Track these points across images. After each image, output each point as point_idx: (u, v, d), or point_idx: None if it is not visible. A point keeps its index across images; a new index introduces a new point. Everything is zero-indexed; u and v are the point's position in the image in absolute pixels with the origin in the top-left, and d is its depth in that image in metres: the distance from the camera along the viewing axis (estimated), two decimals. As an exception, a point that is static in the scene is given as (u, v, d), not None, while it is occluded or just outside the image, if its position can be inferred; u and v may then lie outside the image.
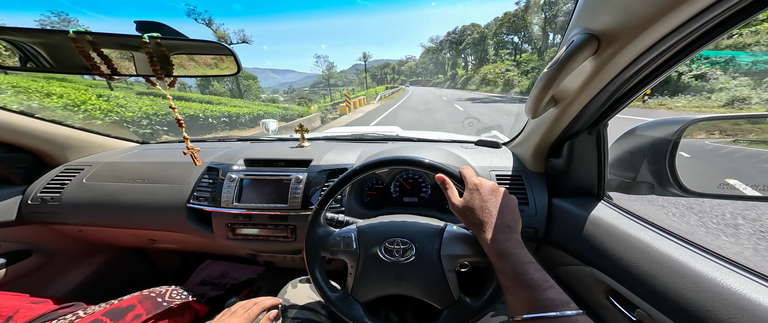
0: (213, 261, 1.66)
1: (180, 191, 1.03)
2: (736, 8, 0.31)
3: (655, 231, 0.55)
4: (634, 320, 0.53)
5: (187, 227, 1.01)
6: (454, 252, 0.55)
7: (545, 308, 0.38)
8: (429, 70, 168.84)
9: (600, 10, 0.39)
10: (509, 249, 0.45)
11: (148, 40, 0.48)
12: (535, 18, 66.31)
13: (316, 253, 0.62)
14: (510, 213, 0.50)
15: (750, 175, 0.55)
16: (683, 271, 0.46)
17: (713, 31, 0.35)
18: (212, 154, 1.17)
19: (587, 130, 0.66)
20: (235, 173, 1.00)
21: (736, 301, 0.39)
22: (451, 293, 0.54)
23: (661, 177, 0.59)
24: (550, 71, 0.47)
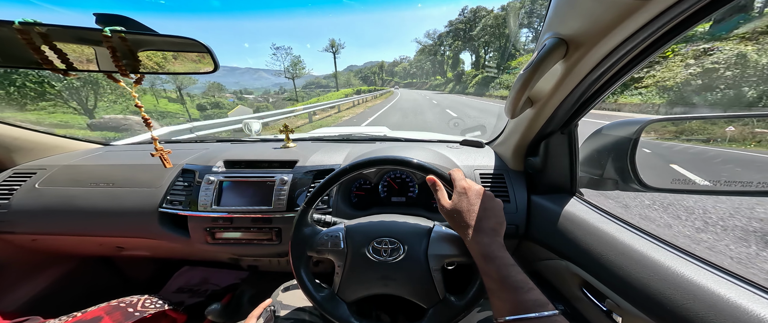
0: (191, 267, 1.57)
1: (151, 195, 0.97)
2: (678, 19, 0.35)
3: (619, 225, 0.60)
4: (604, 310, 0.56)
5: (160, 233, 0.95)
6: (440, 252, 0.56)
7: (527, 309, 0.40)
8: (425, 71, 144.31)
9: (568, 16, 0.42)
10: (494, 251, 0.47)
11: (111, 33, 0.44)
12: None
13: (302, 253, 0.61)
14: (495, 217, 0.51)
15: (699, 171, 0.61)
16: (644, 261, 0.50)
17: (660, 40, 0.39)
18: (187, 155, 1.11)
19: (560, 129, 0.70)
20: (214, 175, 0.96)
21: (688, 287, 0.43)
22: (436, 292, 0.55)
23: (624, 174, 0.64)
24: (525, 73, 0.49)
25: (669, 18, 0.34)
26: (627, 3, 0.32)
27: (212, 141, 1.42)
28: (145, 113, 0.61)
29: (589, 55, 0.44)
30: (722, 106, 8.68)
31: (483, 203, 0.52)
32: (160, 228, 0.95)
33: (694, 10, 0.33)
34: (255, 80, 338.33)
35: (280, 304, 0.76)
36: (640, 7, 0.32)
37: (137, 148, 1.36)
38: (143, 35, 0.49)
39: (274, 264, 1.17)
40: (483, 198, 0.52)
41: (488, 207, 0.51)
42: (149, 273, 1.54)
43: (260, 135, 1.48)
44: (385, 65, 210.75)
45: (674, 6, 0.32)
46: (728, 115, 1.28)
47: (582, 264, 0.60)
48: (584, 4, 0.37)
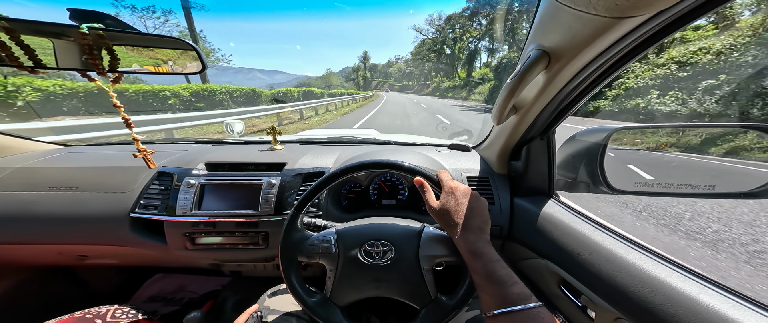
0: (165, 275, 1.48)
1: (120, 199, 0.90)
2: (646, 36, 0.39)
3: (591, 225, 0.65)
4: (579, 306, 0.60)
5: (131, 239, 0.90)
6: (431, 253, 0.57)
7: (512, 302, 0.42)
8: (424, 71, 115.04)
9: (551, 29, 0.45)
10: (481, 248, 0.49)
11: (88, 31, 0.41)
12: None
13: (292, 258, 0.61)
14: (481, 215, 0.53)
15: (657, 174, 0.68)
16: (612, 258, 0.54)
17: (629, 55, 0.44)
18: (163, 157, 1.05)
19: (540, 135, 0.74)
20: (194, 178, 0.91)
21: (649, 281, 0.47)
22: (428, 292, 0.56)
23: (594, 177, 0.69)
24: (511, 82, 0.52)
25: (637, 35, 0.38)
26: (602, 21, 0.35)
27: (191, 142, 1.35)
28: (125, 113, 0.57)
29: (569, 66, 0.48)
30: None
31: (470, 202, 0.54)
32: (132, 234, 0.89)
33: (659, 29, 0.37)
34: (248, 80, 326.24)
35: (267, 310, 0.74)
36: (614, 24, 0.35)
37: (104, 149, 1.25)
38: (123, 33, 0.46)
39: (259, 269, 1.14)
40: (470, 198, 0.55)
41: (474, 207, 0.54)
42: (115, 283, 1.43)
43: (243, 136, 1.43)
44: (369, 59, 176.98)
45: (642, 25, 0.36)
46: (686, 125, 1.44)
47: (559, 262, 0.64)
48: (565, 20, 0.40)
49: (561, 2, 0.37)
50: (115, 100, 0.55)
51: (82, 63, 0.46)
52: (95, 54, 0.43)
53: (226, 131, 1.40)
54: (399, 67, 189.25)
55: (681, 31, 0.38)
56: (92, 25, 0.41)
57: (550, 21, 0.44)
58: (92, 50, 0.43)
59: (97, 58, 0.44)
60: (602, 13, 0.34)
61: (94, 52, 0.43)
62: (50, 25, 0.42)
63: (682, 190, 0.61)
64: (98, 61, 0.45)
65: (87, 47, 0.42)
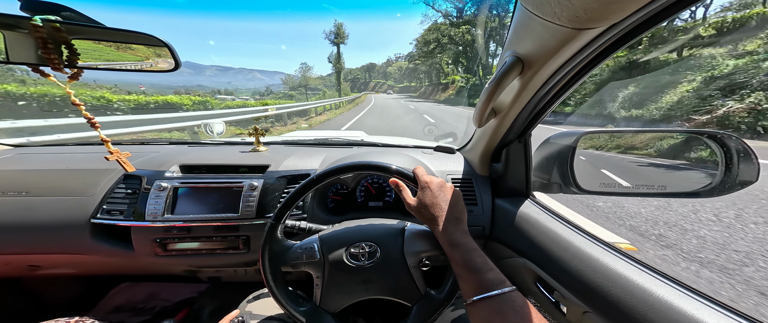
0: (133, 283, 1.38)
1: (79, 205, 0.84)
2: (604, 46, 0.43)
3: (562, 223, 0.69)
4: (553, 301, 0.63)
5: (93, 247, 0.83)
6: (416, 249, 0.58)
7: (487, 288, 0.43)
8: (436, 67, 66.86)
9: (523, 37, 0.47)
10: (458, 239, 0.50)
11: (42, 23, 0.37)
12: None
13: (275, 270, 0.59)
14: (456, 206, 0.55)
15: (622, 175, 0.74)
16: (580, 255, 0.57)
17: (591, 63, 0.48)
18: (131, 159, 0.98)
19: (518, 138, 0.78)
20: (166, 181, 0.86)
21: (610, 275, 0.51)
22: (417, 289, 0.57)
23: (565, 178, 0.74)
24: (489, 86, 0.55)
25: (595, 46, 0.42)
26: (565, 31, 0.38)
27: (164, 143, 1.27)
28: (86, 112, 0.52)
29: (540, 73, 0.51)
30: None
31: (445, 194, 0.55)
32: (93, 241, 0.83)
33: (613, 41, 0.41)
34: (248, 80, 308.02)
35: (249, 315, 0.72)
36: (575, 35, 0.38)
37: (60, 150, 1.15)
38: (84, 27, 0.42)
39: (239, 273, 1.09)
40: (444, 190, 0.56)
41: (449, 198, 0.55)
42: (73, 294, 1.31)
43: (224, 137, 1.36)
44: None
45: (598, 37, 0.40)
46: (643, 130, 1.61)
47: (535, 260, 0.67)
48: (535, 29, 0.43)
49: (531, 12, 0.39)
50: (73, 98, 0.51)
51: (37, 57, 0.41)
52: (50, 48, 0.39)
53: (204, 132, 1.33)
54: (399, 66, 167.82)
55: (630, 43, 0.43)
56: (47, 17, 0.37)
57: (523, 29, 0.46)
58: (47, 44, 0.39)
59: (52, 52, 0.40)
60: (565, 24, 0.36)
61: (49, 45, 0.39)
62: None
63: (640, 190, 0.67)
64: (53, 56, 0.40)
65: (41, 40, 0.38)
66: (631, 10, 0.32)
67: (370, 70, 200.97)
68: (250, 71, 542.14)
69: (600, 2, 0.30)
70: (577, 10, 0.32)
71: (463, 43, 50.95)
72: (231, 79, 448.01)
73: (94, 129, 0.54)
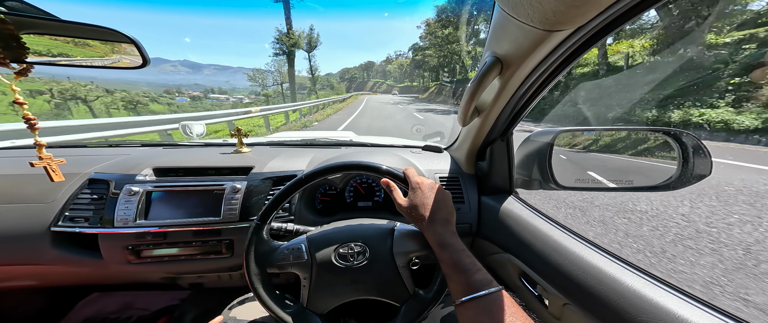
0: (104, 293, 1.29)
1: (38, 212, 0.79)
2: (573, 48, 0.46)
3: (542, 218, 0.71)
4: (536, 295, 0.65)
5: (54, 257, 0.79)
6: (405, 249, 0.58)
7: (476, 289, 0.44)
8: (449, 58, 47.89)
9: (501, 38, 0.50)
10: (447, 239, 0.51)
11: None
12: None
13: (261, 272, 0.58)
14: (446, 207, 0.56)
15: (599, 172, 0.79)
16: (559, 248, 0.60)
17: (561, 65, 0.51)
18: (96, 162, 0.93)
19: (501, 137, 0.81)
20: (138, 185, 0.83)
21: (586, 267, 0.53)
22: (406, 289, 0.57)
23: (544, 175, 0.79)
24: (471, 86, 0.57)
25: (566, 48, 0.45)
26: (538, 32, 0.41)
27: (135, 145, 1.20)
28: (27, 111, 0.48)
29: (518, 72, 0.54)
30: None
31: (436, 195, 0.56)
32: (55, 251, 0.78)
33: (583, 41, 0.44)
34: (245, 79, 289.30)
35: (233, 320, 0.70)
36: (547, 37, 0.41)
37: (13, 154, 1.07)
38: (35, 19, 0.39)
39: (224, 279, 1.06)
40: (434, 191, 0.57)
41: (440, 199, 0.56)
42: (37, 307, 1.21)
43: (204, 139, 1.30)
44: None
45: (567, 39, 0.43)
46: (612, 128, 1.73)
47: (519, 255, 0.69)
48: (512, 30, 0.45)
49: (508, 13, 0.41)
50: (18, 96, 0.47)
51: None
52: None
53: (183, 134, 1.26)
54: (400, 64, 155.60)
55: (595, 45, 0.46)
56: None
57: (501, 30, 0.49)
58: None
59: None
60: (537, 26, 0.39)
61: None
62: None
63: (609, 185, 0.73)
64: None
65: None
66: (594, 13, 0.35)
67: (368, 68, 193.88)
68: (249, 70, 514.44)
69: (566, 5, 0.33)
70: (547, 12, 0.35)
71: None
72: (229, 77, 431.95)
73: (32, 130, 0.51)
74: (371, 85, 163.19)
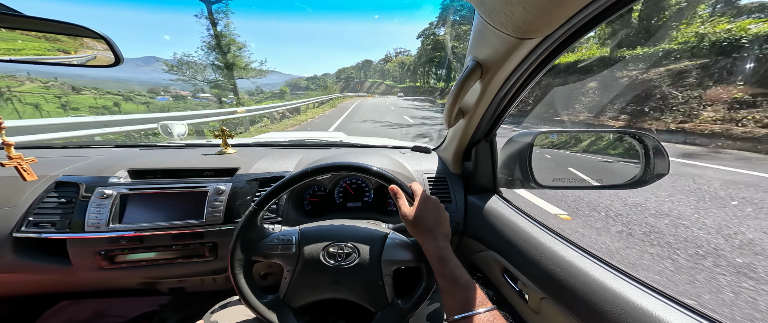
0: (74, 301, 1.21)
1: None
2: (543, 56, 0.49)
3: (523, 216, 0.74)
4: (517, 290, 0.67)
5: (16, 264, 0.75)
6: (394, 258, 0.58)
7: (472, 307, 0.45)
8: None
9: (480, 44, 0.53)
10: (447, 255, 0.52)
11: None
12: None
13: (245, 258, 0.57)
14: (446, 225, 0.58)
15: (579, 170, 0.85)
16: (537, 245, 0.62)
17: (535, 71, 0.54)
18: (65, 163, 0.89)
19: (485, 137, 0.85)
20: (111, 187, 0.79)
21: (561, 263, 0.55)
22: (385, 296, 0.57)
23: (525, 174, 0.83)
24: (454, 89, 0.60)
25: (538, 54, 0.49)
26: (511, 40, 0.43)
27: (109, 146, 1.15)
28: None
29: (496, 77, 0.57)
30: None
31: (438, 213, 0.58)
32: (17, 258, 0.74)
33: (552, 49, 0.48)
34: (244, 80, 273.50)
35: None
36: (519, 44, 0.44)
37: None
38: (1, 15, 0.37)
39: (207, 283, 1.02)
40: (439, 209, 0.59)
41: (442, 217, 0.58)
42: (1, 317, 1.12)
43: (185, 139, 1.25)
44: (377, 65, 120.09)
45: (538, 46, 0.46)
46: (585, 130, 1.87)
47: (502, 252, 0.72)
48: (489, 36, 0.48)
49: (486, 20, 0.44)
50: None
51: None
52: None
53: (162, 134, 1.20)
54: (401, 61, 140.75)
55: (562, 53, 0.50)
56: None
57: (480, 36, 0.51)
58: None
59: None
60: (511, 34, 0.42)
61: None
62: None
63: (582, 184, 0.78)
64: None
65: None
66: (558, 23, 0.39)
67: (365, 68, 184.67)
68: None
69: (533, 15, 0.36)
70: (518, 21, 0.38)
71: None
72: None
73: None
74: (368, 85, 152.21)
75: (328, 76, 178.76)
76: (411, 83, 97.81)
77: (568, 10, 0.36)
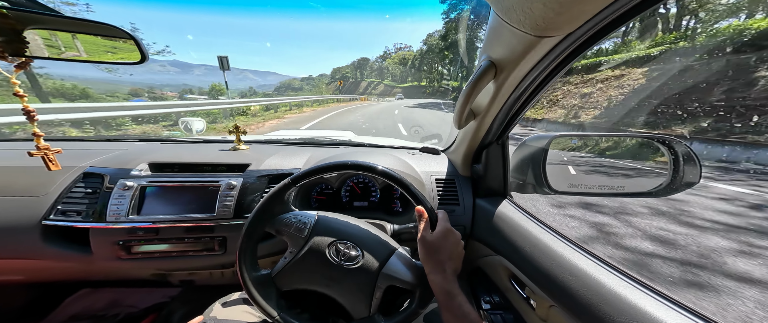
0: (93, 290, 1.27)
1: (30, 205, 0.79)
2: (563, 55, 0.47)
3: (534, 222, 0.72)
4: (524, 297, 0.65)
5: (43, 251, 0.78)
6: (393, 274, 0.57)
7: None
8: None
9: (495, 43, 0.51)
10: (455, 289, 0.52)
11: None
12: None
13: (259, 225, 0.58)
14: (458, 261, 0.57)
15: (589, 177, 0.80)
16: (548, 251, 0.60)
17: (556, 70, 0.52)
18: (92, 156, 0.93)
19: (496, 140, 0.82)
20: (132, 180, 0.82)
21: (573, 270, 0.53)
22: (368, 308, 0.56)
23: (538, 179, 0.79)
24: (466, 89, 0.58)
25: (557, 53, 0.46)
26: (529, 38, 0.41)
27: (133, 140, 1.19)
28: (27, 104, 0.48)
29: (511, 77, 0.54)
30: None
31: (457, 249, 0.58)
32: (45, 245, 0.78)
33: (573, 49, 0.45)
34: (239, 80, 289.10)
35: (214, 320, 0.68)
36: (538, 42, 0.42)
37: (5, 146, 1.07)
38: (38, 15, 0.39)
39: (215, 276, 1.05)
40: (459, 245, 0.59)
41: (458, 253, 0.58)
42: (22, 302, 1.19)
43: (203, 135, 1.30)
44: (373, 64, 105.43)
45: (558, 45, 0.43)
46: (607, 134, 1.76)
47: (510, 257, 0.70)
48: (504, 36, 0.46)
49: (502, 18, 0.42)
50: (17, 89, 0.47)
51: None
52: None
53: (182, 130, 1.26)
54: (402, 57, 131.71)
55: (584, 52, 0.47)
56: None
57: (495, 35, 0.49)
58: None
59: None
60: (529, 31, 0.40)
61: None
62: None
63: (602, 191, 0.73)
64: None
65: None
66: (582, 21, 0.36)
67: (361, 66, 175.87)
68: (241, 71, 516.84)
69: (555, 12, 0.34)
70: (537, 18, 0.36)
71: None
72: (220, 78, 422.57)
73: (30, 121, 0.51)
74: (365, 85, 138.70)
75: (324, 76, 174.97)
76: (414, 82, 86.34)
77: (594, 6, 0.33)
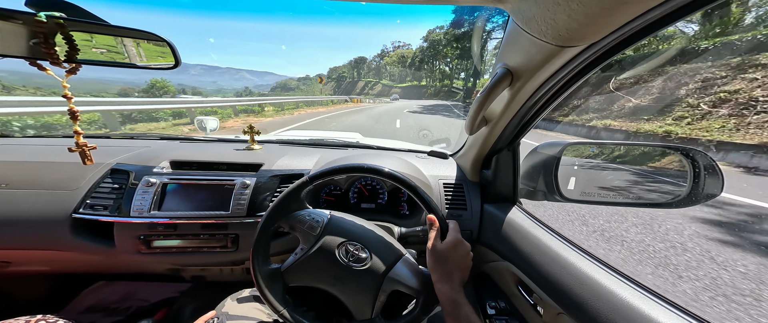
0: (108, 282, 1.33)
1: (62, 198, 0.82)
2: (584, 64, 0.46)
3: (544, 229, 0.71)
4: (532, 304, 0.65)
5: (72, 243, 0.81)
6: (399, 279, 0.58)
7: None
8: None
9: (513, 51, 0.50)
10: (461, 299, 0.52)
11: (46, 19, 0.37)
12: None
13: (275, 220, 0.60)
14: (465, 272, 0.58)
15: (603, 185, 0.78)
16: (557, 259, 0.60)
17: (574, 78, 0.51)
18: (119, 153, 0.97)
19: (507, 146, 0.81)
20: (155, 176, 0.85)
21: (582, 278, 0.53)
22: (371, 310, 0.57)
23: (550, 186, 0.78)
24: (481, 96, 0.58)
25: (577, 63, 0.45)
26: (550, 47, 0.41)
27: (154, 138, 1.25)
28: (73, 104, 0.52)
29: (528, 85, 0.54)
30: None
31: (466, 260, 0.58)
32: (73, 237, 0.81)
33: (594, 58, 0.44)
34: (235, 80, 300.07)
35: (225, 316, 0.70)
36: (558, 52, 0.42)
37: (43, 142, 1.12)
38: (88, 24, 0.42)
39: (226, 273, 1.08)
40: (468, 256, 0.59)
41: (467, 265, 0.58)
42: (41, 293, 1.25)
43: (217, 134, 1.36)
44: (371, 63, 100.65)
45: (580, 54, 0.43)
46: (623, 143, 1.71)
47: (518, 264, 0.70)
48: (524, 44, 0.45)
49: (521, 27, 0.42)
50: (66, 91, 0.51)
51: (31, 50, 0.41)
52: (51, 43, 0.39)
53: (197, 128, 1.32)
54: (400, 55, 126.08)
55: (606, 62, 0.46)
56: (52, 13, 0.37)
57: (513, 44, 0.49)
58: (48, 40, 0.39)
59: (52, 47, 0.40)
60: (550, 41, 0.39)
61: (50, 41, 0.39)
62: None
63: (616, 200, 0.72)
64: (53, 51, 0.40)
65: (42, 36, 0.38)
66: (606, 32, 0.36)
67: (358, 66, 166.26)
68: (238, 71, 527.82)
69: (579, 23, 0.34)
70: (560, 29, 0.36)
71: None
72: (217, 78, 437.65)
73: (73, 121, 0.55)
74: (362, 85, 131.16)
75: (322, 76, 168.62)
76: (413, 81, 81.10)
77: (621, 18, 0.32)
